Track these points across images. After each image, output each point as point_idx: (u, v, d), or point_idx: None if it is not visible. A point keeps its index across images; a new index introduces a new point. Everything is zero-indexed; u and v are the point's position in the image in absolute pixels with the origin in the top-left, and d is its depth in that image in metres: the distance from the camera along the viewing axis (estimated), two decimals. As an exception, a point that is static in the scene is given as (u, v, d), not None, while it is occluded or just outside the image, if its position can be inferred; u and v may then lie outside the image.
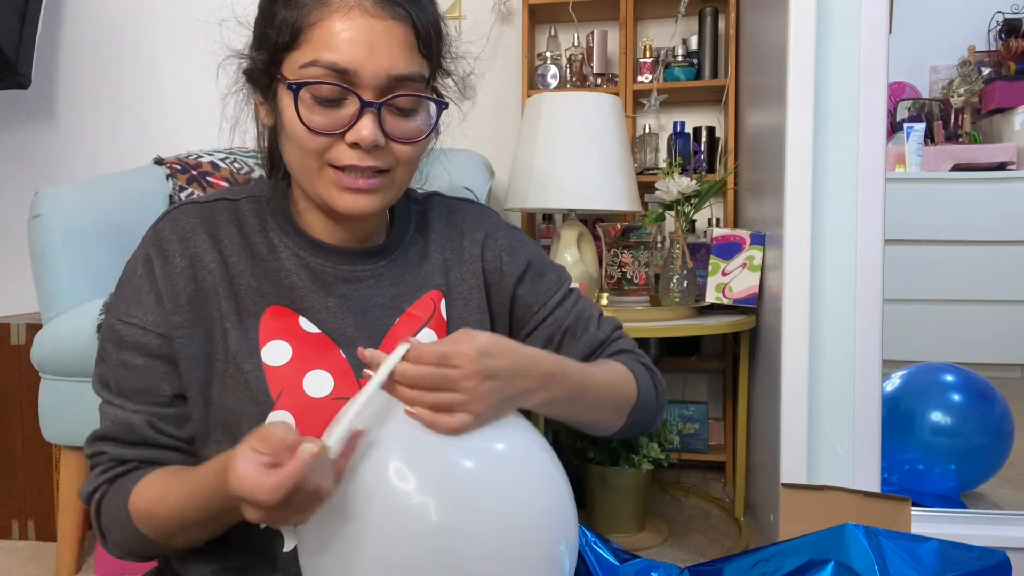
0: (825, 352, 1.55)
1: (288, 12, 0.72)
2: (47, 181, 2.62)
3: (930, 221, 3.18)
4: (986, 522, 1.59)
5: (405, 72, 0.72)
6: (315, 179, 0.75)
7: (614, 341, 0.91)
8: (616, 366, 0.86)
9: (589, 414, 0.82)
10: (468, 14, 2.50)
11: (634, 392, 0.86)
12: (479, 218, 0.91)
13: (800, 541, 0.73)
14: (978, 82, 3.48)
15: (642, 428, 0.89)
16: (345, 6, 0.70)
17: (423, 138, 0.76)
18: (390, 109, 0.73)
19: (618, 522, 1.86)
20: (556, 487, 0.67)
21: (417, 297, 0.84)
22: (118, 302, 0.78)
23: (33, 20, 2.45)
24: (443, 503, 0.60)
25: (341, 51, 0.70)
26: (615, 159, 1.92)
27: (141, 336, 0.76)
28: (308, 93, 0.71)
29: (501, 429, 0.67)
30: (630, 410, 0.86)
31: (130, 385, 0.76)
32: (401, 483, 0.60)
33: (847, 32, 1.53)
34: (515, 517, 0.62)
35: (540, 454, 0.68)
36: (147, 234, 0.80)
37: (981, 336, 3.16)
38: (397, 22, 0.71)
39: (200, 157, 1.92)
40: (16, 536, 1.87)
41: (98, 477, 0.76)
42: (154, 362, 0.76)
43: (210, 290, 0.77)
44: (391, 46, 0.71)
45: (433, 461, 0.62)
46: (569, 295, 0.91)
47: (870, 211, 1.52)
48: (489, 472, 0.63)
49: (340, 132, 0.72)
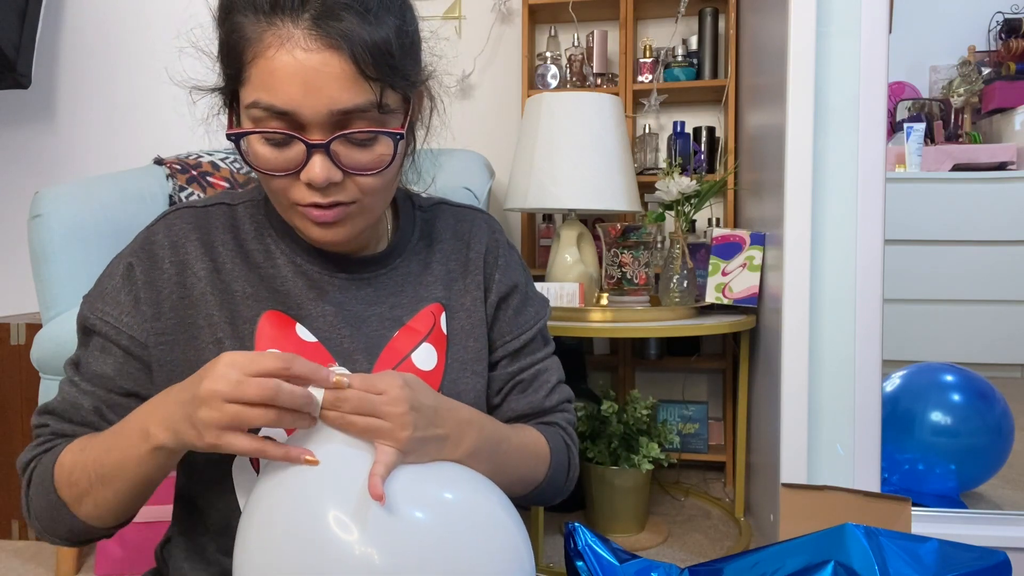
0: (825, 352, 1.55)
1: (234, 44, 0.68)
2: (47, 181, 2.63)
3: (930, 221, 3.18)
4: (986, 522, 1.59)
5: (349, 105, 0.66)
6: (287, 213, 0.74)
7: (555, 412, 0.90)
8: (536, 436, 0.85)
9: (503, 478, 0.79)
10: (468, 14, 2.50)
11: (545, 469, 0.85)
12: (484, 228, 0.89)
13: (800, 541, 0.73)
14: (978, 82, 3.48)
15: (546, 500, 0.89)
16: (277, 41, 0.65)
17: (384, 168, 0.71)
18: (343, 142, 0.68)
19: (618, 522, 1.86)
20: (507, 532, 0.64)
21: (417, 310, 0.82)
22: (95, 297, 0.78)
23: (33, 20, 2.46)
24: (388, 556, 0.58)
25: (277, 92, 0.65)
26: (615, 159, 1.92)
27: (112, 332, 0.75)
28: (252, 137, 0.68)
29: (446, 478, 0.65)
30: (538, 483, 0.85)
31: (92, 368, 0.76)
32: (344, 533, 0.58)
33: (847, 32, 1.53)
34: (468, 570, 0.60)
35: (488, 499, 0.66)
36: (140, 235, 0.79)
37: (981, 336, 3.16)
38: (333, 52, 0.65)
39: (200, 157, 1.92)
40: (16, 536, 1.87)
41: (34, 449, 0.76)
42: (121, 356, 0.76)
43: (199, 298, 0.76)
44: (328, 81, 0.65)
45: (378, 511, 0.59)
46: (542, 345, 0.90)
47: (870, 211, 1.52)
48: (437, 522, 0.61)
49: (295, 171, 0.69)
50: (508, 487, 0.81)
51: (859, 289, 1.53)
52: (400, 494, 0.61)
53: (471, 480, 0.68)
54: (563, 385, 0.92)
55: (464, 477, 0.68)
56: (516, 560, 0.63)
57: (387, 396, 0.64)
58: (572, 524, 0.80)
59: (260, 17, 0.66)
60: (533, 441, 0.84)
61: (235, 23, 0.67)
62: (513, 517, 0.67)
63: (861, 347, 1.52)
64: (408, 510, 0.60)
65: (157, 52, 2.67)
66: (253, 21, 0.66)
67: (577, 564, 0.78)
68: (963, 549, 0.73)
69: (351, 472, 0.62)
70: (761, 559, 0.73)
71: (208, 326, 0.75)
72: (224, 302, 0.76)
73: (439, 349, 0.81)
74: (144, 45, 2.69)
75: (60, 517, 0.73)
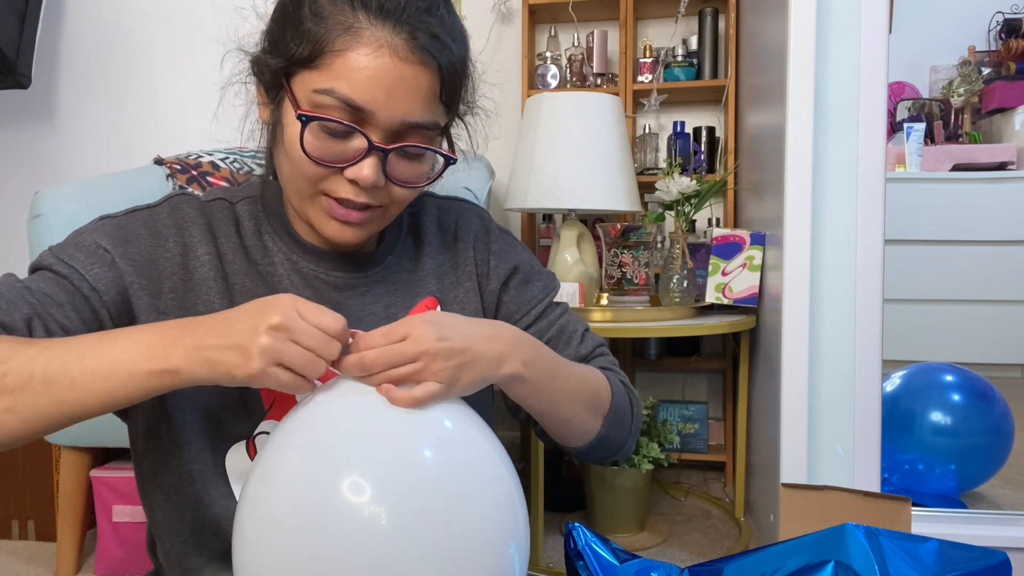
0: (825, 352, 1.55)
1: (314, 27, 0.68)
2: (47, 181, 2.62)
3: (930, 221, 3.18)
4: (986, 522, 1.59)
5: (421, 120, 0.69)
6: (306, 202, 0.73)
7: (595, 357, 0.88)
8: (592, 369, 0.83)
9: (564, 406, 0.77)
10: (468, 14, 2.50)
11: (608, 397, 0.82)
12: (470, 218, 0.89)
13: (800, 541, 0.73)
14: (978, 82, 3.48)
15: (615, 445, 0.85)
16: (375, 42, 0.67)
17: (424, 184, 0.74)
18: (398, 152, 0.70)
19: (618, 522, 1.86)
20: (505, 486, 0.63)
21: (412, 305, 0.82)
22: (66, 245, 0.72)
23: (33, 20, 2.45)
24: (387, 505, 0.57)
25: (360, 88, 0.67)
26: (615, 159, 1.92)
27: (73, 276, 0.70)
28: (317, 123, 0.69)
29: (447, 425, 0.63)
30: (604, 415, 0.82)
31: (41, 288, 0.68)
32: (352, 492, 0.57)
33: (847, 32, 1.53)
34: (462, 521, 0.59)
35: (488, 450, 0.64)
36: (139, 212, 0.76)
37: (981, 336, 3.16)
38: (424, 68, 0.68)
39: (200, 157, 1.92)
40: (16, 536, 1.87)
41: None
42: (73, 293, 0.69)
43: (200, 282, 0.75)
44: (412, 93, 0.68)
45: (378, 460, 0.59)
46: (555, 307, 0.89)
47: (870, 211, 1.52)
48: (434, 473, 0.59)
49: (342, 166, 0.70)
50: (577, 418, 0.79)
51: (859, 289, 1.53)
52: (405, 438, 0.61)
53: (472, 430, 0.66)
54: (590, 333, 0.90)
55: (465, 424, 0.65)
56: (511, 525, 0.63)
57: (411, 337, 0.63)
58: (572, 524, 0.80)
59: (359, 13, 0.67)
60: (589, 371, 0.82)
61: (321, 7, 0.68)
62: (511, 472, 0.66)
63: (861, 347, 1.52)
64: (414, 454, 0.60)
65: (157, 52, 2.67)
66: (348, 13, 0.67)
67: (577, 564, 0.78)
68: (963, 549, 0.73)
69: (359, 424, 0.62)
70: (761, 559, 0.73)
71: (206, 311, 0.74)
72: (224, 291, 0.76)
73: None
74: (144, 45, 2.69)
75: None
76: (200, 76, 0.93)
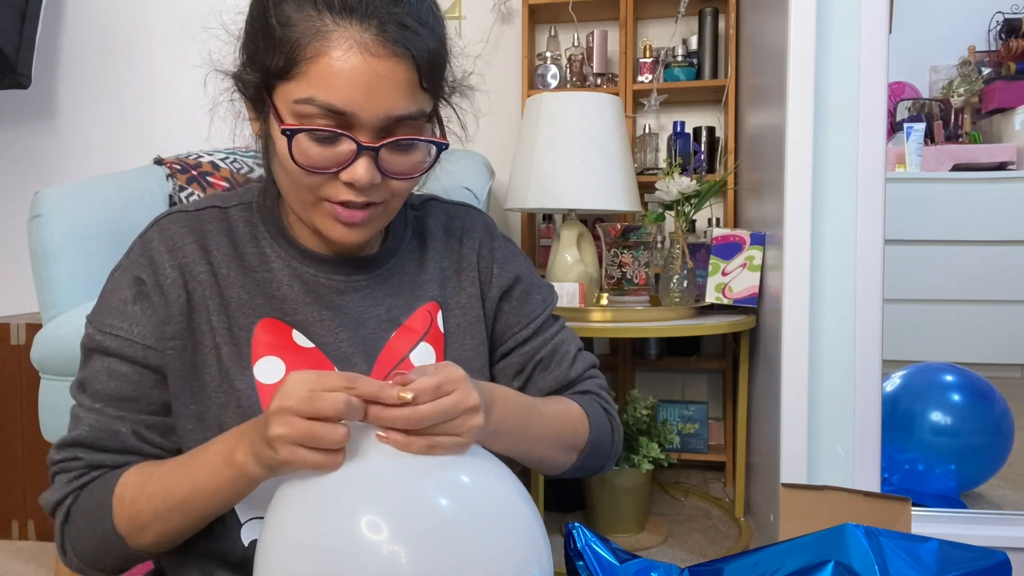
0: (825, 352, 1.55)
1: (284, 36, 0.67)
2: (47, 181, 2.62)
3: (930, 221, 3.18)
4: (986, 522, 1.59)
5: (405, 112, 0.69)
6: (309, 210, 0.73)
7: (583, 380, 0.89)
8: (568, 403, 0.85)
9: (536, 450, 0.79)
10: (468, 14, 2.50)
11: (586, 433, 0.84)
12: (476, 223, 0.89)
13: (800, 541, 0.73)
14: (978, 82, 3.48)
15: (591, 470, 0.88)
16: (345, 42, 0.65)
17: (420, 173, 0.74)
18: (389, 147, 0.70)
19: (618, 522, 1.86)
20: (527, 521, 0.64)
21: (414, 309, 0.81)
22: (101, 313, 0.76)
23: (33, 20, 2.46)
24: (414, 548, 0.57)
25: (338, 92, 0.66)
26: (615, 159, 1.92)
27: (126, 347, 0.74)
28: (303, 134, 0.68)
29: (465, 465, 0.64)
30: (580, 449, 0.84)
31: (114, 392, 0.74)
32: (371, 531, 0.58)
33: (847, 32, 1.53)
34: (490, 562, 0.59)
35: (508, 486, 0.65)
36: (135, 245, 0.78)
37: (981, 336, 3.16)
38: (399, 60, 0.67)
39: (200, 157, 1.92)
40: (16, 536, 1.87)
41: (68, 484, 0.73)
42: (142, 370, 0.74)
43: (200, 302, 0.75)
44: (392, 87, 0.67)
45: (405, 501, 0.60)
46: (552, 322, 0.90)
47: (870, 211, 1.52)
48: (461, 512, 0.60)
49: (335, 171, 0.69)
50: (549, 458, 0.81)
51: (859, 289, 1.53)
52: (423, 482, 0.61)
53: (490, 468, 0.67)
54: (584, 352, 0.91)
55: (484, 465, 0.67)
56: (534, 552, 0.63)
57: (457, 393, 0.64)
58: (572, 524, 0.80)
59: (324, 15, 0.66)
60: (566, 408, 0.83)
61: (287, 16, 0.67)
62: (530, 506, 0.66)
63: (861, 347, 1.52)
64: (431, 498, 0.60)
65: (157, 52, 2.67)
66: (314, 17, 0.66)
67: (577, 564, 0.78)
68: (963, 549, 0.73)
69: (380, 472, 0.62)
70: (761, 559, 0.73)
71: (208, 331, 0.75)
72: (221, 307, 0.76)
73: (437, 348, 0.81)
74: (144, 45, 2.69)
75: (112, 550, 0.72)
76: (200, 76, 0.93)
